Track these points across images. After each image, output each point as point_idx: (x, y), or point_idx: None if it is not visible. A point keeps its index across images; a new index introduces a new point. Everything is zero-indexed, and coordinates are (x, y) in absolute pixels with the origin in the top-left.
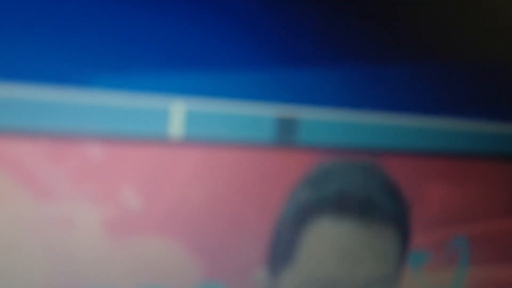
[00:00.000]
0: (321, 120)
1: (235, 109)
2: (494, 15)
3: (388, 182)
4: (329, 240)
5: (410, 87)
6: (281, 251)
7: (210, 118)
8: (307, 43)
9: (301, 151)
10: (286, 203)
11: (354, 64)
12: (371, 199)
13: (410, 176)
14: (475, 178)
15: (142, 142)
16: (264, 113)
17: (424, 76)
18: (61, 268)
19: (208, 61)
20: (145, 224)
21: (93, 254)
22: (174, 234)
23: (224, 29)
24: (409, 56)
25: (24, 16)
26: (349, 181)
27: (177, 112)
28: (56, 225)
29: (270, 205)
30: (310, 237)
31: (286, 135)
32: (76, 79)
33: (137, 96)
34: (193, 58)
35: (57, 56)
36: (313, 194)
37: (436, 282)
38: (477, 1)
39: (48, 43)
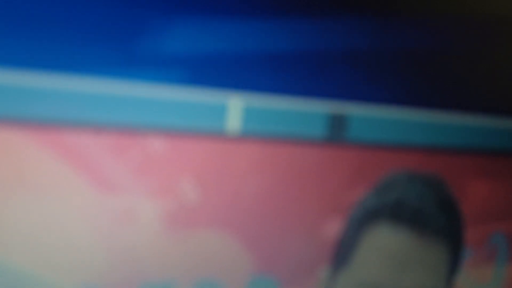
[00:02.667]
0: (370, 116)
1: (290, 105)
2: None
3: (446, 198)
4: (382, 246)
5: (456, 85)
6: (341, 252)
7: (266, 114)
8: (361, 42)
9: (352, 147)
10: (354, 209)
11: (405, 61)
12: (425, 210)
13: (453, 173)
14: None
15: (200, 137)
16: (316, 109)
17: (472, 76)
18: (117, 260)
19: (265, 59)
20: (201, 218)
21: (151, 246)
22: (230, 228)
23: (280, 28)
24: (460, 55)
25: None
26: (408, 191)
27: (235, 108)
28: (116, 217)
29: (322, 200)
30: (366, 241)
31: (337, 132)
32: (139, 74)
33: (197, 91)
34: (250, 56)
35: (124, 52)
36: (374, 201)
37: (477, 279)
38: None
39: (118, 40)
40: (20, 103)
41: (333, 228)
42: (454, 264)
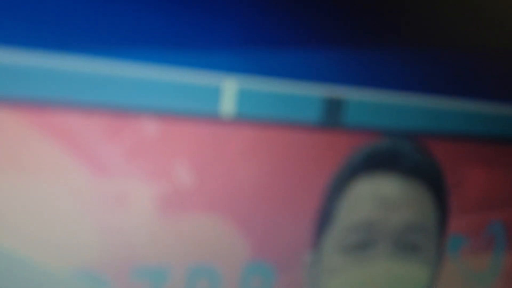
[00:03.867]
0: (367, 101)
1: (285, 89)
2: None
3: (419, 145)
4: (363, 194)
5: (456, 70)
6: (324, 219)
7: (261, 96)
8: (355, 25)
9: (347, 132)
10: (328, 181)
11: (402, 45)
12: (400, 151)
13: (451, 160)
14: (511, 164)
15: (194, 119)
16: (312, 92)
17: (471, 61)
18: (111, 245)
19: (260, 40)
20: (196, 202)
21: (145, 230)
22: (225, 212)
23: (274, 9)
24: (456, 40)
25: None
26: (380, 144)
27: (229, 90)
28: (109, 200)
29: (317, 184)
30: (347, 197)
31: (332, 116)
32: (131, 54)
33: (190, 73)
34: (244, 37)
35: (117, 32)
36: (347, 165)
37: (474, 266)
38: None
39: (111, 20)
40: (10, 83)
41: None
42: (440, 205)
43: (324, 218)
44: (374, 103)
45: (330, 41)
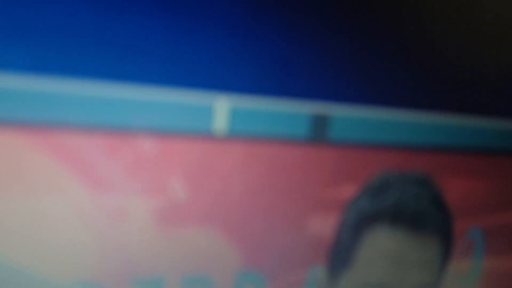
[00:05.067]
0: (352, 117)
1: (274, 106)
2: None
3: (437, 195)
4: (383, 247)
5: (436, 85)
6: (340, 255)
7: (252, 114)
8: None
9: (333, 147)
10: (346, 211)
11: (385, 62)
12: (423, 211)
13: (432, 171)
14: (488, 173)
15: (188, 137)
16: (300, 110)
17: (451, 76)
18: (110, 257)
19: (250, 61)
20: (190, 216)
21: (142, 243)
22: (218, 225)
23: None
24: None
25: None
26: (405, 192)
27: (221, 109)
28: (108, 215)
29: (306, 197)
30: (366, 244)
31: (319, 131)
32: (127, 76)
33: (184, 93)
34: (236, 59)
35: (109, 54)
36: (371, 204)
37: (455, 271)
38: None
39: (100, 39)
40: (14, 107)
41: (316, 224)
42: (446, 256)
43: (340, 254)
44: (359, 119)
45: (316, 60)
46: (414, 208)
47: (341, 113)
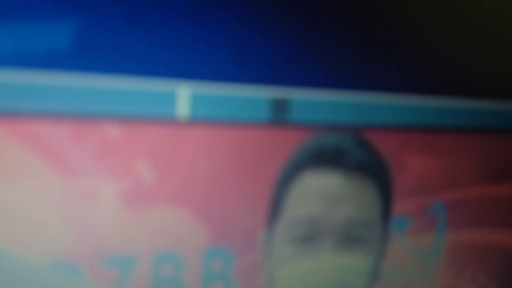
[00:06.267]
0: (310, 99)
1: (234, 92)
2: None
3: (362, 138)
4: (309, 189)
5: (391, 67)
6: (274, 210)
7: (213, 100)
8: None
9: (293, 128)
10: (278, 171)
11: (342, 45)
12: (345, 148)
13: (392, 149)
14: (449, 150)
15: (153, 123)
16: (259, 94)
17: (404, 57)
18: (82, 238)
19: (210, 49)
20: (157, 197)
21: (112, 224)
22: (184, 205)
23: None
24: (392, 36)
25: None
26: (325, 139)
27: (184, 95)
28: (78, 198)
29: (267, 176)
30: (293, 190)
31: (279, 114)
32: (93, 66)
33: (148, 81)
34: (197, 47)
35: (73, 43)
36: (294, 158)
37: (418, 244)
38: None
39: (64, 30)
40: None
41: None
42: (385, 198)
43: (274, 207)
44: (317, 101)
45: (274, 45)
46: (334, 147)
47: (300, 96)
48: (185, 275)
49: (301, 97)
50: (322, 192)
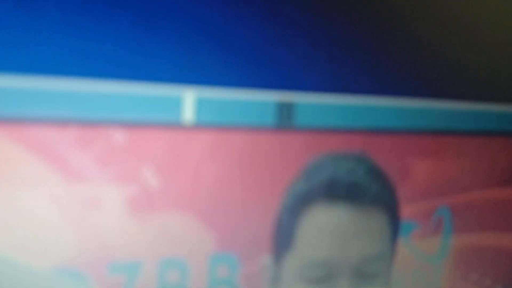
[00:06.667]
0: (316, 104)
1: (240, 97)
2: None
3: (374, 168)
4: (322, 225)
5: (396, 72)
6: (282, 238)
7: (219, 105)
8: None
9: (299, 133)
10: (285, 195)
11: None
12: (358, 182)
13: (397, 154)
14: (455, 154)
15: (158, 127)
16: (265, 99)
17: (410, 62)
18: (88, 244)
19: (215, 54)
20: (163, 202)
21: (117, 230)
22: (190, 210)
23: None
24: (399, 42)
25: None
26: (338, 169)
27: (189, 100)
28: (84, 204)
29: (273, 182)
30: (305, 223)
31: (285, 119)
32: (99, 72)
33: (153, 86)
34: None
35: (78, 50)
36: (306, 185)
37: (424, 249)
38: None
39: (70, 36)
40: None
41: None
42: (394, 226)
43: (283, 237)
44: (323, 106)
45: (281, 51)
46: (348, 180)
47: (305, 101)
48: (191, 281)
49: (306, 101)
50: (336, 228)
